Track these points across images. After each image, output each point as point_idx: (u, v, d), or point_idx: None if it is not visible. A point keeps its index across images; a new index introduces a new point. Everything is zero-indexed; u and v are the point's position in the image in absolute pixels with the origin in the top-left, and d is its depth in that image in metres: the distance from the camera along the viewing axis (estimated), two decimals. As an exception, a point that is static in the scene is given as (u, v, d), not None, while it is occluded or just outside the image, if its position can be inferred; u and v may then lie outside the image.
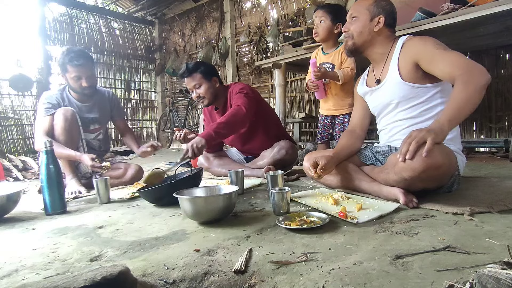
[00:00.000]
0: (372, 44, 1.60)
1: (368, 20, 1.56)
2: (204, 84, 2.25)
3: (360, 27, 1.58)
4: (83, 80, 2.16)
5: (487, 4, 2.09)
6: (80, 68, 2.13)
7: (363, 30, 1.57)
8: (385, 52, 1.58)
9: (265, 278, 0.80)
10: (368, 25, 1.57)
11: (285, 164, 2.27)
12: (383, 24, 1.54)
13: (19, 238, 1.25)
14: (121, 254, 1.01)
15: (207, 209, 1.25)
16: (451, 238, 0.96)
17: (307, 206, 1.43)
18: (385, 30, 1.57)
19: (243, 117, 2.08)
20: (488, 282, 0.57)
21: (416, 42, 1.49)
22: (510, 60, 3.28)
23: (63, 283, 0.65)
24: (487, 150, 3.20)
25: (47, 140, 1.61)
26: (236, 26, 5.83)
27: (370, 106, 1.72)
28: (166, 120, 6.53)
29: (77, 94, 2.28)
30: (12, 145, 5.26)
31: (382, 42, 1.58)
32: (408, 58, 1.47)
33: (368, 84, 1.71)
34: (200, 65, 2.29)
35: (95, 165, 2.00)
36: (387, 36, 1.58)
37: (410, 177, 1.25)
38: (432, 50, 1.39)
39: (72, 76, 2.15)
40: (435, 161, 1.18)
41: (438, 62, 1.35)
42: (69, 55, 2.13)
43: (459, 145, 1.51)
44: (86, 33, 6.43)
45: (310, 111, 4.77)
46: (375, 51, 1.61)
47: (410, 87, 1.48)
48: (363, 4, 1.59)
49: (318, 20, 2.25)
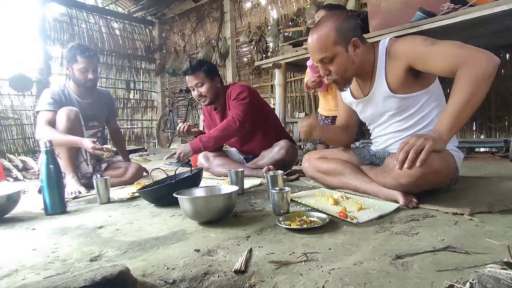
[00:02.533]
0: (359, 67, 1.44)
1: (344, 52, 1.38)
2: (206, 83, 2.27)
3: (342, 65, 1.40)
4: (89, 72, 2.24)
5: (487, 4, 2.09)
6: (89, 59, 2.23)
7: (347, 65, 1.40)
8: (370, 64, 1.45)
9: (265, 278, 0.80)
10: (348, 56, 1.38)
11: (285, 164, 2.27)
12: (359, 45, 1.39)
13: (19, 238, 1.25)
14: (121, 254, 1.01)
15: (207, 209, 1.25)
16: (451, 238, 0.95)
17: (307, 206, 1.43)
18: (362, 46, 1.41)
19: (235, 131, 2.21)
20: (488, 282, 0.57)
21: (402, 46, 1.35)
22: (510, 60, 3.28)
23: (63, 283, 0.65)
24: (487, 150, 3.20)
25: (47, 140, 1.61)
26: (236, 26, 5.83)
27: (360, 115, 1.66)
28: (166, 120, 6.52)
29: (78, 90, 2.32)
30: (12, 145, 5.26)
31: (365, 57, 1.43)
32: (398, 65, 1.36)
33: (354, 94, 1.60)
34: (203, 64, 2.30)
35: (96, 147, 1.99)
36: (366, 49, 1.43)
37: (407, 183, 1.24)
38: (422, 48, 1.27)
39: (80, 67, 2.22)
40: (433, 167, 1.17)
41: (433, 59, 1.25)
42: (80, 47, 2.24)
43: (455, 142, 1.48)
44: (86, 33, 6.43)
45: (310, 111, 4.78)
46: (362, 69, 1.46)
47: (401, 99, 1.40)
48: (326, 40, 1.36)
49: None
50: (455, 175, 1.40)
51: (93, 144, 1.99)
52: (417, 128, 1.44)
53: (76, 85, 2.30)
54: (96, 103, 2.41)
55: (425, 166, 1.14)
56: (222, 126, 2.18)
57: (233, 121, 2.17)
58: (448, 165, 1.27)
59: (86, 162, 2.26)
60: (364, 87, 1.53)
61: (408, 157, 1.15)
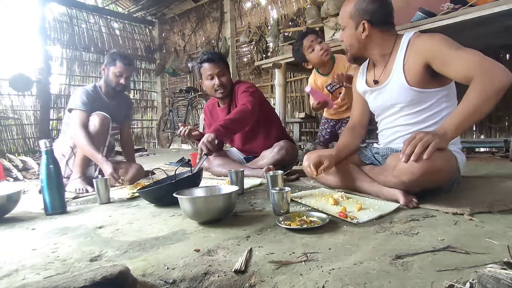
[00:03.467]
0: (367, 50, 1.50)
1: (353, 29, 1.46)
2: (226, 74, 2.33)
3: (348, 39, 1.50)
4: (123, 78, 2.38)
5: (487, 4, 2.09)
6: (126, 67, 2.38)
7: (351, 42, 1.49)
8: (385, 53, 1.48)
9: (265, 278, 0.80)
10: (355, 35, 1.46)
11: (285, 164, 2.27)
12: (369, 28, 1.43)
13: (19, 238, 1.25)
14: (121, 254, 1.01)
15: (207, 209, 1.25)
16: (451, 238, 0.95)
17: (307, 206, 1.43)
18: (375, 32, 1.44)
19: (250, 114, 2.15)
20: (488, 282, 0.57)
21: (426, 41, 1.36)
22: (510, 60, 3.28)
23: (63, 283, 0.65)
24: (487, 150, 3.20)
25: (47, 140, 1.62)
26: (236, 26, 5.83)
27: (370, 105, 1.68)
28: (166, 120, 6.53)
29: (107, 91, 2.44)
30: (12, 145, 5.27)
31: (378, 44, 1.47)
32: (417, 59, 1.36)
33: (368, 83, 1.62)
34: (223, 57, 2.38)
35: (114, 176, 2.08)
36: (381, 37, 1.46)
37: (409, 181, 1.24)
38: (445, 50, 1.28)
39: (116, 71, 2.35)
40: (435, 165, 1.17)
41: (452, 62, 1.26)
42: (122, 55, 2.40)
43: (459, 145, 1.50)
44: (86, 33, 6.44)
45: (310, 111, 4.77)
46: (373, 53, 1.52)
47: (417, 92, 1.40)
48: (345, 10, 1.48)
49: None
50: (456, 176, 1.40)
51: (111, 171, 2.08)
52: (425, 124, 1.45)
53: (107, 86, 2.42)
54: (120, 106, 2.53)
55: (428, 163, 1.15)
56: (236, 110, 2.15)
57: (245, 106, 2.16)
58: (450, 165, 1.27)
59: (95, 167, 2.34)
60: (378, 71, 1.54)
61: (414, 151, 1.15)
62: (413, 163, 1.17)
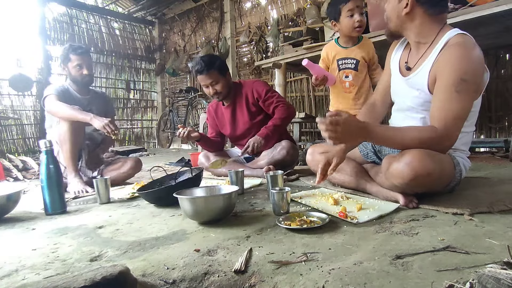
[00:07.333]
0: (404, 29, 1.34)
1: (396, 1, 1.31)
2: (220, 80, 2.31)
3: (389, 11, 1.35)
4: (84, 69, 2.33)
5: (487, 4, 2.09)
6: (82, 56, 2.32)
7: (391, 15, 1.34)
8: (423, 42, 1.32)
9: (265, 278, 0.80)
10: (396, 8, 1.31)
11: (285, 165, 2.27)
12: (412, 6, 1.26)
13: (19, 238, 1.25)
14: (121, 254, 1.01)
15: (207, 209, 1.25)
16: (451, 238, 0.96)
17: (307, 206, 1.43)
18: (419, 12, 1.27)
19: (293, 114, 2.35)
20: (488, 282, 0.57)
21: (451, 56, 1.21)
22: (510, 60, 3.28)
23: (63, 283, 0.65)
24: (487, 150, 3.20)
25: (47, 140, 1.62)
26: (236, 26, 5.83)
27: (392, 88, 1.53)
28: (166, 120, 6.52)
29: (77, 88, 2.39)
30: (12, 145, 5.26)
31: (417, 28, 1.30)
32: (434, 68, 1.26)
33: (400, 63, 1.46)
34: (215, 61, 2.31)
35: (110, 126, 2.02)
36: (423, 21, 1.28)
37: (400, 184, 1.23)
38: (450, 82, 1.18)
39: (74, 64, 2.30)
40: (424, 168, 1.15)
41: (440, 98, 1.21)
42: (72, 46, 2.35)
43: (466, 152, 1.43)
44: (86, 33, 6.43)
45: (310, 111, 4.78)
46: (409, 36, 1.35)
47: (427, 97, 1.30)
48: None
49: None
50: (452, 179, 1.33)
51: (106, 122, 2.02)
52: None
53: (74, 83, 2.38)
54: (94, 100, 2.48)
55: (418, 166, 1.14)
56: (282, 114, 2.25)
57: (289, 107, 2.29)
58: (442, 169, 1.23)
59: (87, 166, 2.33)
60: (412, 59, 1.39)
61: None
62: (404, 167, 1.16)
